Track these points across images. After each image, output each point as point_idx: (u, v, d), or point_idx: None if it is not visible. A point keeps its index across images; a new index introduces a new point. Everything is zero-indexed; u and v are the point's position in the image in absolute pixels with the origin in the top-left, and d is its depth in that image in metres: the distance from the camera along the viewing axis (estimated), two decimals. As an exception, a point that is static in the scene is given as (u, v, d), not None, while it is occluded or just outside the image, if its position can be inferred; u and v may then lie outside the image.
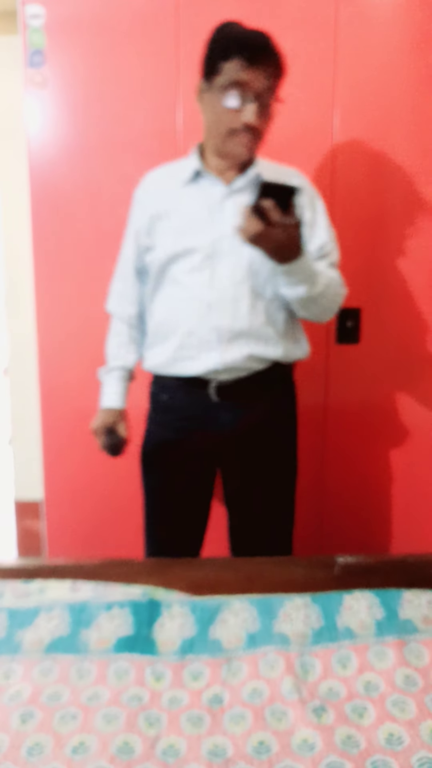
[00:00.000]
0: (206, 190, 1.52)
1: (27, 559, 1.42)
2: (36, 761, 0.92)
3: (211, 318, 1.49)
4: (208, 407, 1.55)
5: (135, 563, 1.39)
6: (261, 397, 1.57)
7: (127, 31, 1.97)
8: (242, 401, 1.55)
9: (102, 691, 1.06)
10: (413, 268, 2.09)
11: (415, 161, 2.03)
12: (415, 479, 2.21)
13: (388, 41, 1.98)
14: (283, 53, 1.45)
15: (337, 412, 2.18)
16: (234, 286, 1.49)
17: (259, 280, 1.50)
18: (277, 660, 1.12)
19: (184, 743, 0.96)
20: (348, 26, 1.96)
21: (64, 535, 2.25)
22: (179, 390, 1.57)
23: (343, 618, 1.22)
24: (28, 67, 1.98)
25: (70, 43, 1.98)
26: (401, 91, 2.00)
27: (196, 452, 1.61)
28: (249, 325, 1.50)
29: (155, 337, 1.59)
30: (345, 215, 2.04)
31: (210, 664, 1.13)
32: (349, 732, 0.97)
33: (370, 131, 2.02)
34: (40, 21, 1.96)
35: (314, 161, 2.03)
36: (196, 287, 1.50)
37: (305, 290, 1.44)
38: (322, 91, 1.99)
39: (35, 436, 2.24)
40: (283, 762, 0.91)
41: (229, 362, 1.50)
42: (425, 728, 0.97)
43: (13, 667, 1.12)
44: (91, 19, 1.96)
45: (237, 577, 1.35)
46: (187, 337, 1.51)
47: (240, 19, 1.92)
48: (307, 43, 1.97)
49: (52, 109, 2.01)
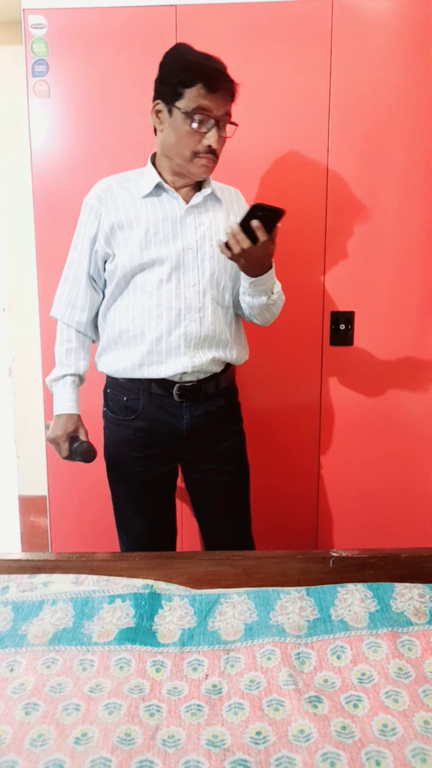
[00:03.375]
0: (167, 204, 1.57)
1: (31, 554, 1.44)
2: (39, 752, 0.93)
3: (179, 325, 1.57)
4: (170, 406, 1.63)
5: (137, 557, 1.41)
6: (216, 395, 1.66)
7: (128, 40, 1.98)
8: (200, 400, 1.64)
9: (104, 682, 1.09)
10: (405, 272, 2.11)
11: (408, 168, 2.05)
12: (408, 476, 2.24)
13: (382, 49, 1.99)
14: (235, 81, 1.50)
15: (331, 412, 2.20)
16: (199, 295, 1.58)
17: (219, 289, 1.62)
18: (273, 651, 1.15)
19: (184, 733, 0.98)
20: (343, 35, 1.98)
21: (68, 530, 2.27)
22: (142, 392, 1.62)
23: (337, 610, 1.25)
24: (31, 76, 2.00)
25: (73, 52, 2.00)
26: (395, 99, 2.01)
27: (157, 449, 1.67)
28: (213, 331, 1.60)
29: (116, 342, 1.63)
30: (339, 222, 2.07)
31: (209, 655, 1.16)
32: (344, 722, 0.99)
33: (365, 139, 2.04)
34: (43, 30, 1.97)
35: (309, 168, 2.05)
36: (164, 296, 1.57)
37: (266, 299, 1.55)
38: (317, 99, 2.01)
39: (39, 433, 2.27)
40: (280, 752, 0.93)
41: (197, 365, 1.59)
42: (418, 719, 0.99)
43: (18, 659, 1.14)
44: (93, 28, 1.98)
45: (235, 571, 1.37)
46: (157, 344, 1.58)
47: (236, 33, 1.95)
48: (302, 52, 1.99)
49: (54, 117, 2.03)
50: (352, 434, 2.21)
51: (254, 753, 0.94)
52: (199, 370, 1.60)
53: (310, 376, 2.17)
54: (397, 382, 2.18)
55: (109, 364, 1.65)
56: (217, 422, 1.68)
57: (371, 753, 0.93)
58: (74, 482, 2.22)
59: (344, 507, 2.26)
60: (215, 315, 1.61)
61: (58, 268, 2.12)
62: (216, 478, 1.73)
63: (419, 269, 2.11)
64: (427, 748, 0.93)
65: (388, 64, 1.99)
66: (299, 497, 2.25)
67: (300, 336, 2.14)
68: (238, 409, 1.78)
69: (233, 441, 1.74)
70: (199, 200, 1.59)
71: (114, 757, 0.92)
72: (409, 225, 2.08)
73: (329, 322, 2.13)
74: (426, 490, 2.24)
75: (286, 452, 2.22)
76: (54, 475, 2.24)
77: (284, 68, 2.00)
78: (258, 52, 1.99)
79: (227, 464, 1.73)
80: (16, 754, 0.93)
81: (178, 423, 1.64)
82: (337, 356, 2.16)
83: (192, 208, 1.58)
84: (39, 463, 2.38)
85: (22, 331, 2.60)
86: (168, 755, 0.93)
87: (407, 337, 2.15)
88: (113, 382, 1.67)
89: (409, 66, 1.99)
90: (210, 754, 0.94)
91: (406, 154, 2.04)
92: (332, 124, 2.02)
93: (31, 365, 2.53)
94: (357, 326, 2.13)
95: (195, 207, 1.59)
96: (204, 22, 1.97)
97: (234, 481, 1.76)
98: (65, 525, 2.27)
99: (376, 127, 2.02)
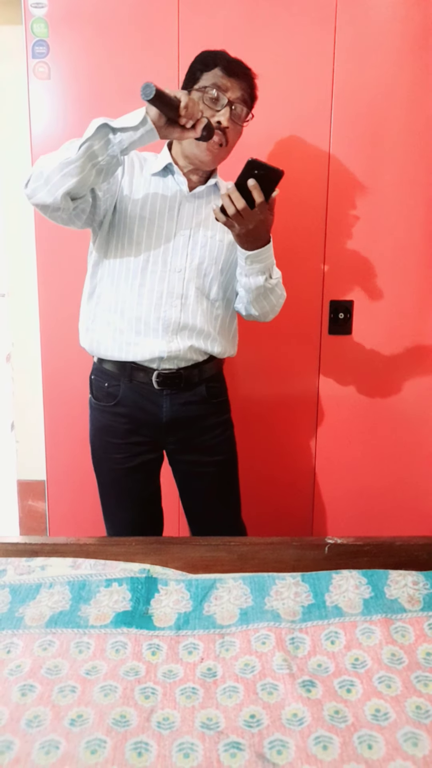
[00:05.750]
0: (170, 186, 1.57)
1: (29, 538, 1.45)
2: (35, 732, 0.94)
3: (159, 308, 1.56)
4: (150, 394, 1.62)
5: (134, 542, 1.42)
6: (198, 384, 1.65)
7: (129, 22, 1.96)
8: (181, 388, 1.62)
9: (100, 665, 1.09)
10: (404, 262, 2.11)
11: (410, 158, 2.04)
12: (404, 465, 2.25)
13: (386, 43, 1.98)
14: (256, 82, 1.52)
15: (329, 401, 2.21)
16: (183, 281, 1.56)
17: (207, 280, 1.59)
18: (268, 636, 1.16)
19: (178, 715, 0.99)
20: (347, 22, 1.96)
21: (66, 515, 2.29)
22: (122, 378, 1.62)
23: (332, 596, 1.26)
24: (30, 57, 1.98)
25: (73, 34, 1.97)
26: (398, 92, 2.01)
27: (138, 436, 1.66)
28: (193, 320, 1.58)
29: (98, 318, 1.61)
30: (339, 211, 2.07)
31: (204, 639, 1.17)
32: (337, 707, 1.00)
33: (367, 128, 2.03)
34: (43, 11, 1.95)
35: (310, 159, 2.05)
36: (148, 277, 1.55)
37: (264, 279, 1.51)
38: (320, 91, 2.00)
39: (38, 418, 2.27)
40: (274, 735, 0.94)
41: (173, 351, 1.57)
42: (410, 704, 1.00)
43: (15, 642, 1.15)
44: (94, 9, 1.96)
45: (231, 556, 1.38)
46: (136, 323, 1.56)
47: (240, 18, 1.93)
48: (305, 39, 1.97)
49: (54, 100, 2.01)
50: (349, 423, 2.22)
51: (248, 736, 0.94)
52: (178, 357, 1.59)
53: (308, 365, 2.17)
54: (395, 372, 2.18)
55: (92, 341, 1.63)
56: (201, 412, 1.67)
57: (363, 737, 0.94)
58: (72, 467, 2.23)
59: (340, 495, 2.27)
60: (198, 304, 1.59)
61: (57, 254, 2.12)
62: (202, 469, 1.72)
63: (419, 259, 2.10)
64: (419, 732, 0.94)
65: (391, 52, 1.98)
66: (296, 485, 2.26)
67: (298, 325, 2.14)
68: (224, 399, 1.77)
69: (219, 432, 1.73)
70: (202, 190, 1.58)
71: (109, 739, 0.93)
72: (409, 215, 2.08)
73: (328, 311, 2.13)
74: (422, 479, 2.25)
75: (283, 441, 2.22)
76: (52, 460, 2.25)
77: (287, 55, 1.98)
78: (260, 39, 1.97)
79: (213, 455, 1.73)
80: (12, 734, 0.94)
81: (158, 411, 1.63)
82: (336, 345, 2.16)
83: (193, 196, 1.58)
84: (37, 448, 2.39)
85: (20, 316, 2.60)
86: (162, 737, 0.94)
87: (406, 326, 2.15)
88: (97, 368, 1.67)
89: (413, 54, 1.97)
90: (204, 737, 0.94)
91: (408, 143, 2.03)
92: (335, 112, 2.01)
93: (29, 351, 2.53)
94: (356, 316, 2.14)
95: (197, 196, 1.58)
96: (207, 4, 1.95)
97: (221, 473, 1.75)
98: (63, 509, 2.28)
99: (378, 116, 2.01)
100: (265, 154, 2.03)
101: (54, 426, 2.22)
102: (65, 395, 2.18)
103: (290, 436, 1.83)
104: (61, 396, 2.18)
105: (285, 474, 2.22)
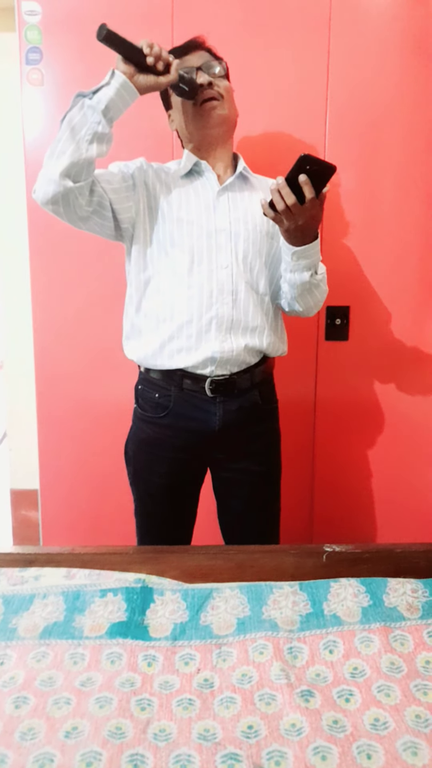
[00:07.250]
0: (202, 185, 1.56)
1: (22, 547, 1.43)
2: (29, 745, 0.93)
3: (211, 308, 1.52)
4: (202, 402, 1.57)
5: (129, 551, 1.40)
6: (250, 390, 1.60)
7: (123, 28, 1.95)
8: (233, 395, 1.58)
9: (95, 676, 1.08)
10: (401, 268, 2.11)
11: (405, 162, 2.05)
12: (402, 471, 2.24)
13: (381, 44, 1.98)
14: (209, 45, 1.57)
15: (326, 407, 2.20)
16: (231, 277, 1.52)
17: (253, 274, 1.55)
18: (266, 645, 1.15)
19: (175, 727, 0.97)
20: (341, 23, 1.97)
21: (59, 524, 2.27)
22: (173, 387, 1.57)
23: (330, 605, 1.24)
24: (24, 64, 1.98)
25: (67, 40, 1.97)
26: (393, 90, 2.01)
27: (186, 450, 1.62)
28: (245, 316, 1.54)
29: (144, 327, 1.58)
30: (335, 216, 2.07)
31: (201, 649, 1.15)
32: (335, 716, 0.99)
33: (362, 131, 2.03)
34: (37, 18, 1.95)
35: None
36: (195, 278, 1.51)
37: (310, 275, 1.47)
38: (315, 88, 2.00)
39: (31, 427, 2.26)
40: (272, 746, 0.93)
41: (226, 351, 1.52)
42: (410, 713, 0.99)
43: (8, 653, 1.13)
44: (88, 15, 1.96)
45: (228, 565, 1.36)
46: (187, 327, 1.52)
47: (234, 19, 1.95)
48: (300, 41, 1.98)
49: (48, 106, 2.01)
50: (346, 429, 2.21)
51: (246, 747, 0.93)
52: (230, 360, 1.54)
53: (305, 370, 2.17)
54: (392, 378, 2.18)
55: (137, 350, 1.59)
56: (251, 419, 1.62)
57: (362, 747, 0.93)
58: (65, 476, 2.21)
59: (339, 502, 2.26)
60: (248, 299, 1.54)
61: (51, 260, 2.11)
62: (247, 478, 1.66)
63: (415, 264, 2.11)
64: (418, 741, 0.93)
65: (386, 54, 1.98)
66: (294, 492, 2.24)
67: (295, 330, 2.12)
68: (275, 405, 1.72)
69: (268, 439, 1.69)
70: (232, 180, 1.56)
71: (105, 751, 0.92)
72: (405, 220, 2.08)
73: (325, 317, 2.12)
74: (421, 485, 2.24)
75: (280, 447, 2.21)
76: (45, 468, 2.23)
77: (282, 57, 1.99)
78: (255, 40, 1.97)
79: (260, 464, 1.67)
80: (6, 747, 0.93)
81: (210, 419, 1.57)
82: (333, 351, 2.16)
83: (225, 190, 1.55)
84: (31, 457, 2.37)
85: (13, 323, 2.59)
86: (159, 749, 0.93)
87: (402, 332, 2.15)
88: (144, 378, 1.62)
89: (408, 56, 1.98)
90: (201, 748, 0.93)
91: (404, 146, 2.04)
92: (329, 114, 2.01)
93: (22, 358, 2.52)
94: (352, 321, 2.13)
95: (229, 188, 1.56)
96: (201, 8, 1.96)
97: (267, 482, 1.70)
98: (56, 519, 2.26)
99: (373, 118, 2.02)
100: (259, 156, 2.02)
101: (47, 434, 2.20)
102: (59, 403, 2.16)
103: (288, 442, 1.82)
104: (55, 404, 2.17)
105: (283, 480, 2.20)
